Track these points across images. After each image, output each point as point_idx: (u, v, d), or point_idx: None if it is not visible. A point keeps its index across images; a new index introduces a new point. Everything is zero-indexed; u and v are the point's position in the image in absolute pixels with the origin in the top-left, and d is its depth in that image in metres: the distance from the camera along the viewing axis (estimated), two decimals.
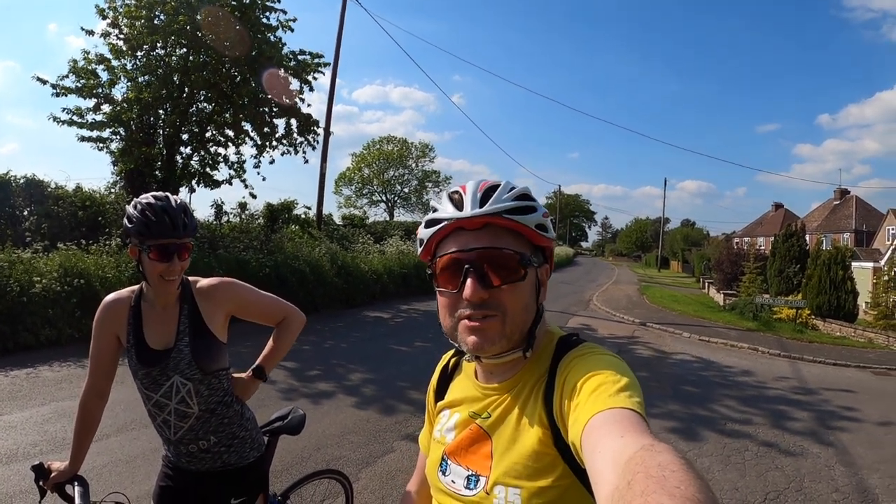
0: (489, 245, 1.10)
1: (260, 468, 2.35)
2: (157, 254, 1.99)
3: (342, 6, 21.15)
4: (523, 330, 1.14)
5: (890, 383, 10.52)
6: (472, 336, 1.11)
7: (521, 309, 1.12)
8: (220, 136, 17.28)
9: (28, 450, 5.04)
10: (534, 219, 1.13)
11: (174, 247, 2.01)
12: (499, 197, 1.11)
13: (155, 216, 1.98)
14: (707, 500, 0.62)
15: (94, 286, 10.05)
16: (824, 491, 5.25)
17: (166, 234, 1.98)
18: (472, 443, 1.18)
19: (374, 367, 8.89)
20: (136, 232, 1.99)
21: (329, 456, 5.31)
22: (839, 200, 51.14)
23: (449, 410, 1.30)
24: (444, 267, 1.14)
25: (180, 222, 2.02)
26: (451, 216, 1.12)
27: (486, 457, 1.14)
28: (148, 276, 2.04)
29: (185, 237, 2.04)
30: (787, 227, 23.98)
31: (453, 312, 1.13)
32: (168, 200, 2.04)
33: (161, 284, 2.04)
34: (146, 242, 1.99)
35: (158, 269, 2.01)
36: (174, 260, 2.02)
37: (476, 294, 1.08)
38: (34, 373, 7.58)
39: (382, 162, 59.37)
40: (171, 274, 2.03)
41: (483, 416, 1.19)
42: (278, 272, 14.27)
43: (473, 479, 1.14)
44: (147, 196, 2.05)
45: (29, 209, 12.85)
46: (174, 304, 2.12)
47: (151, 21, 14.80)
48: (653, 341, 13.88)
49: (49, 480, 2.10)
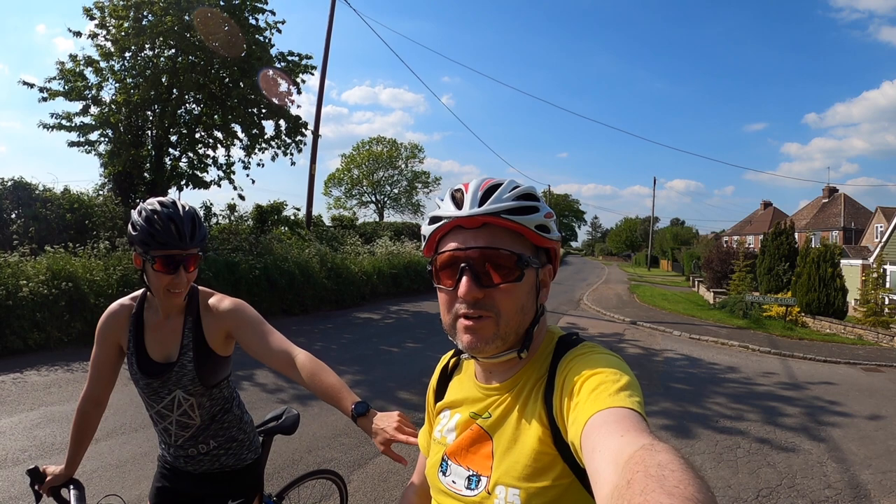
0: (486, 245, 1.10)
1: (256, 469, 2.33)
2: (161, 265, 1.88)
3: (331, 7, 21.12)
4: (519, 331, 1.13)
5: (879, 379, 10.57)
6: (466, 335, 1.11)
7: (517, 310, 1.12)
8: (208, 138, 17.23)
9: (17, 455, 4.99)
10: (534, 219, 1.12)
11: (180, 258, 1.91)
12: (499, 196, 1.11)
13: (161, 224, 1.87)
14: (705, 500, 0.62)
15: (82, 289, 9.98)
16: (816, 487, 5.27)
17: (172, 243, 1.87)
18: (472, 443, 1.18)
19: (364, 368, 8.88)
20: (139, 241, 1.88)
21: (321, 458, 5.30)
22: (828, 198, 51.39)
23: (449, 411, 1.30)
24: (442, 264, 1.15)
25: (187, 232, 1.91)
26: (451, 214, 1.12)
27: (487, 457, 1.14)
28: (153, 287, 1.95)
29: (193, 248, 1.93)
30: (776, 225, 24.10)
31: (451, 309, 1.13)
32: (175, 208, 1.92)
33: (166, 297, 1.95)
34: (150, 252, 1.87)
35: (164, 282, 1.91)
36: (180, 272, 1.91)
37: (470, 293, 1.08)
38: (22, 377, 7.51)
39: (372, 163, 59.20)
40: (177, 287, 1.93)
41: (484, 416, 1.19)
42: (268, 274, 14.24)
43: (475, 480, 1.14)
44: (153, 202, 1.93)
45: (16, 212, 12.72)
46: (179, 314, 2.05)
47: (139, 22, 14.75)
48: (643, 340, 13.93)
49: (44, 484, 2.08)
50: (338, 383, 1.87)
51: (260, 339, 2.00)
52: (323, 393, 1.86)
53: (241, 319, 2.04)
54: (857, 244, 38.32)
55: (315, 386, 1.89)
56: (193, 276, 1.98)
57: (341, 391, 1.84)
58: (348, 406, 1.77)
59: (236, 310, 2.05)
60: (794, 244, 22.95)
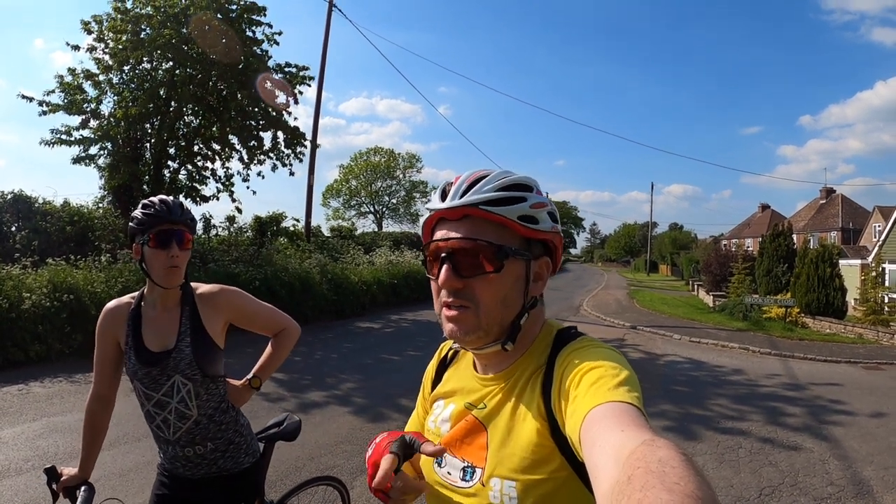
0: (465, 235, 1.10)
1: (255, 474, 2.35)
2: (156, 241, 2.03)
3: (327, 17, 21.25)
4: (503, 323, 1.13)
5: (880, 377, 10.58)
6: (448, 324, 1.13)
7: (497, 302, 1.11)
8: (207, 150, 17.18)
9: (20, 465, 5.00)
10: (517, 210, 1.11)
11: (173, 232, 2.05)
12: (480, 188, 1.11)
13: (153, 206, 2.05)
14: (706, 497, 0.62)
15: (83, 301, 9.99)
16: (819, 485, 5.27)
17: (163, 218, 2.03)
18: (467, 434, 1.18)
19: (365, 376, 8.88)
20: (137, 225, 2.05)
21: (323, 465, 5.30)
22: (825, 199, 51.42)
23: (444, 401, 1.30)
24: (429, 253, 1.17)
25: (177, 209, 2.08)
26: (435, 206, 1.14)
27: (482, 448, 1.13)
28: (150, 269, 2.07)
29: (182, 223, 2.08)
30: (774, 227, 24.11)
31: (437, 298, 1.15)
32: (166, 197, 2.12)
33: (164, 276, 2.06)
34: (146, 232, 2.03)
35: (160, 258, 2.04)
36: (173, 246, 2.05)
37: (448, 282, 1.10)
38: (25, 389, 7.52)
39: (370, 173, 59.11)
40: (174, 262, 2.05)
41: (479, 406, 1.18)
42: (268, 285, 14.23)
43: (469, 471, 1.14)
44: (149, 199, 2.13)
45: (17, 225, 12.77)
46: (175, 306, 2.15)
47: (137, 35, 14.76)
48: (644, 344, 13.92)
49: (60, 484, 2.13)
50: (266, 359, 2.38)
51: (258, 323, 2.36)
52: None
53: (240, 308, 2.28)
54: (855, 244, 38.35)
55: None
56: (187, 255, 2.13)
57: (262, 363, 2.38)
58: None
59: (231, 298, 2.25)
60: (793, 245, 22.96)
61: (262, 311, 2.36)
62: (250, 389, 2.35)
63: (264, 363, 2.38)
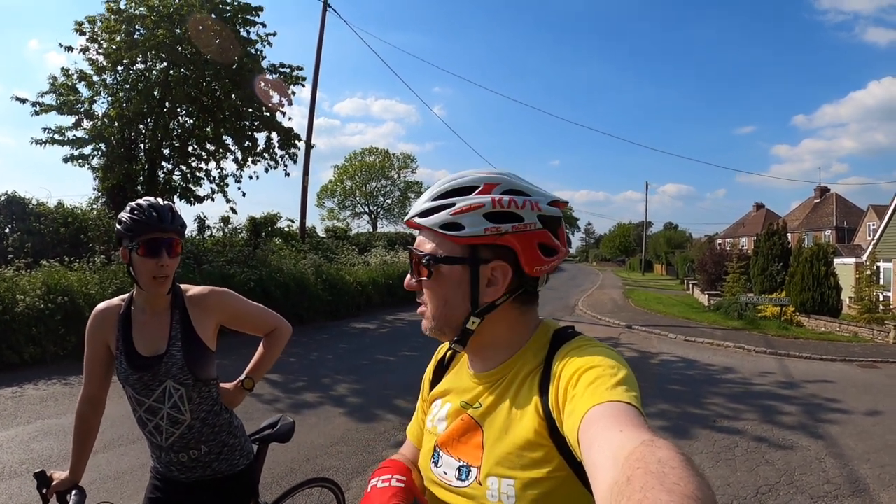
0: (415, 246, 1.21)
1: (250, 476, 2.34)
2: (145, 249, 1.99)
3: (322, 17, 21.19)
4: (451, 323, 1.18)
5: (876, 375, 10.62)
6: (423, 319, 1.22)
7: (440, 304, 1.17)
8: (201, 151, 17.17)
9: (14, 468, 4.97)
10: (438, 219, 1.13)
11: (163, 241, 2.02)
12: (421, 200, 1.19)
13: (141, 212, 2.01)
14: (706, 498, 0.62)
15: (77, 303, 9.93)
16: (815, 483, 5.28)
17: (153, 226, 1.99)
18: (462, 433, 1.17)
19: (360, 377, 8.87)
20: (125, 230, 2.01)
21: (318, 466, 5.28)
22: (819, 198, 51.53)
23: (440, 400, 1.29)
24: None
25: (167, 216, 2.03)
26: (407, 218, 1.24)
27: (478, 447, 1.12)
28: (139, 276, 2.04)
29: (173, 231, 2.04)
30: (769, 226, 24.21)
31: None
32: (155, 200, 2.08)
33: (152, 285, 2.04)
34: (135, 239, 1.99)
35: (148, 266, 2.00)
36: (163, 255, 2.01)
37: (407, 284, 1.23)
38: (19, 391, 7.49)
39: (364, 173, 59.12)
40: (162, 272, 2.02)
41: (474, 405, 1.18)
42: (263, 286, 14.22)
43: (465, 470, 1.13)
44: (136, 200, 2.09)
45: (10, 226, 12.71)
46: (165, 310, 2.13)
47: (131, 35, 14.75)
48: (639, 343, 13.95)
49: (50, 488, 2.10)
50: (258, 359, 2.39)
51: (249, 324, 2.36)
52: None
53: (230, 309, 2.27)
54: (849, 243, 38.47)
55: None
56: (176, 263, 2.09)
57: (254, 364, 2.39)
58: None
59: (221, 299, 2.25)
60: (787, 244, 23.01)
61: (253, 312, 2.36)
62: (243, 391, 2.34)
63: (256, 364, 2.38)
